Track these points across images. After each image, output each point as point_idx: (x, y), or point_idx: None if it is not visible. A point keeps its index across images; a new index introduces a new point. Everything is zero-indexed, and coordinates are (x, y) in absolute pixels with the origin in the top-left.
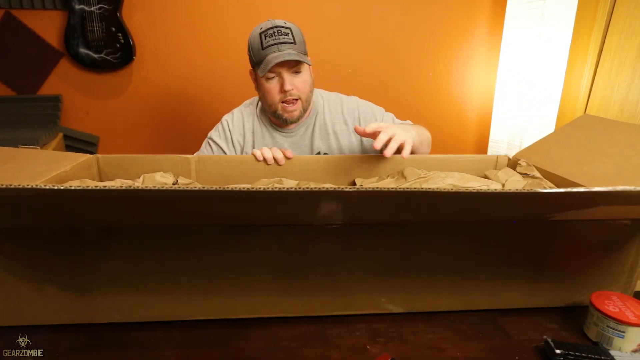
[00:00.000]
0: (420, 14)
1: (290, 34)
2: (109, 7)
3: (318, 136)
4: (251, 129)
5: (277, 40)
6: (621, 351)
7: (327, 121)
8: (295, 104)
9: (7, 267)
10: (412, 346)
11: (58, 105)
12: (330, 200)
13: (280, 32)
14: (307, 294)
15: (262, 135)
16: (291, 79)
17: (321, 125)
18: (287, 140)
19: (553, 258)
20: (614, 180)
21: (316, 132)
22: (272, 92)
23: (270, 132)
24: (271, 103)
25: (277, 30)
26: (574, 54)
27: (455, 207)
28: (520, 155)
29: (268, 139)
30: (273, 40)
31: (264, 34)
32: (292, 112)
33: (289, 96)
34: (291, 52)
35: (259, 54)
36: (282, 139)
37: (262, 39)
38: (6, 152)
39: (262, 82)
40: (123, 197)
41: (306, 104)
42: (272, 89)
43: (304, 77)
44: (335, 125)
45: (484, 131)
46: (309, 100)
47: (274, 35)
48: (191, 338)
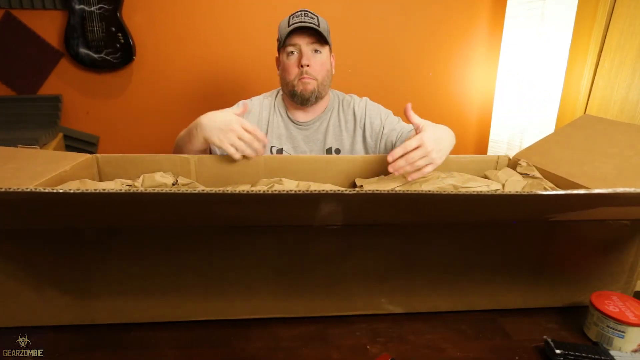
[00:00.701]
0: (420, 14)
1: (316, 19)
2: (109, 7)
3: (332, 133)
4: (266, 120)
5: (302, 19)
6: (621, 351)
7: (341, 119)
8: (308, 78)
9: (7, 268)
10: (412, 346)
11: (58, 105)
12: (330, 202)
13: (307, 15)
14: (308, 294)
15: (277, 126)
16: (309, 54)
17: (335, 123)
18: (301, 133)
19: (553, 258)
20: (614, 181)
21: (330, 128)
22: (290, 68)
23: (285, 123)
24: (289, 81)
25: (304, 13)
26: (574, 54)
27: (455, 208)
28: (521, 155)
29: (283, 130)
30: (299, 20)
31: (293, 15)
32: (306, 85)
33: (305, 74)
34: (313, 25)
35: (284, 32)
36: (296, 132)
37: (290, 19)
38: (6, 152)
39: (283, 60)
40: (122, 200)
41: (321, 88)
42: (290, 64)
43: (323, 59)
44: (347, 122)
45: (484, 131)
46: (324, 86)
47: (300, 16)
48: (191, 338)
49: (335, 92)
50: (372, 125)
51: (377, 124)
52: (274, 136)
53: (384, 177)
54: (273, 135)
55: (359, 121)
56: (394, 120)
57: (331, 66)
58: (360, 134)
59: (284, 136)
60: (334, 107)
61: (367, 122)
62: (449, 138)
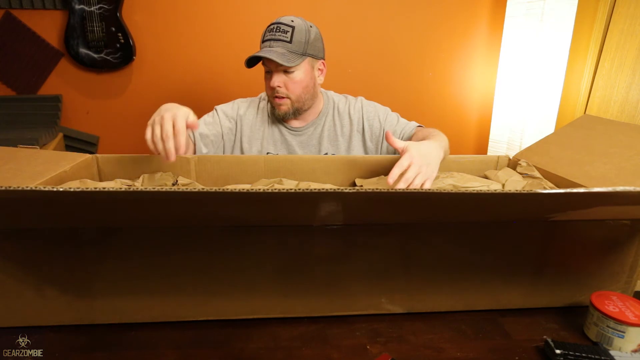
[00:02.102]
0: (420, 14)
1: (290, 32)
2: (109, 7)
3: (326, 138)
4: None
5: (273, 37)
6: (621, 351)
7: (336, 123)
8: (282, 99)
9: (7, 268)
10: (412, 346)
11: (58, 105)
12: (330, 202)
13: (280, 29)
14: (307, 294)
15: (271, 133)
16: (279, 77)
17: (330, 128)
18: (295, 138)
19: (553, 258)
20: (614, 180)
21: (325, 133)
22: (266, 86)
23: (279, 129)
24: (268, 98)
25: (277, 27)
26: (574, 54)
27: (455, 208)
28: (521, 156)
29: (278, 136)
30: (270, 36)
31: (268, 28)
32: (279, 106)
33: (276, 93)
34: (279, 50)
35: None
36: (290, 137)
37: (265, 33)
38: (6, 152)
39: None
40: (123, 198)
41: (298, 104)
42: (266, 83)
43: (297, 78)
44: (343, 127)
45: (484, 131)
46: (304, 100)
47: (272, 31)
48: (191, 338)
49: (329, 95)
50: (371, 128)
51: (376, 126)
52: (270, 142)
53: (384, 177)
54: (269, 141)
55: (356, 125)
56: (393, 119)
57: (314, 77)
58: (359, 138)
59: (279, 142)
60: (328, 111)
61: (366, 125)
62: (437, 148)
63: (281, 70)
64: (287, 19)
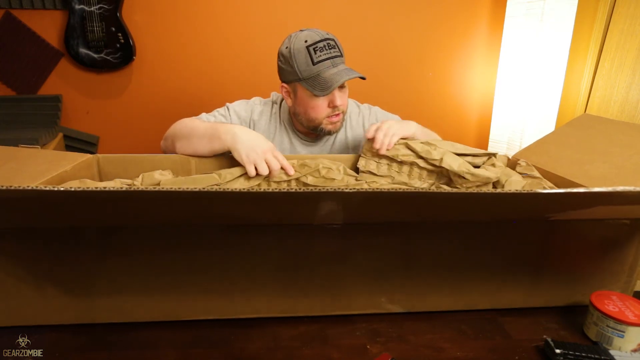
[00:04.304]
0: (420, 14)
1: (336, 47)
2: (109, 7)
3: (337, 150)
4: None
5: (329, 55)
6: (621, 351)
7: (348, 135)
8: (339, 116)
9: (7, 267)
10: (412, 346)
11: (58, 105)
12: (330, 201)
13: (330, 45)
14: (307, 293)
15: (281, 141)
16: (341, 94)
17: (341, 140)
18: (305, 149)
19: (553, 258)
20: (614, 180)
21: (336, 145)
22: (319, 108)
23: (290, 138)
24: (315, 118)
25: (327, 44)
26: (574, 54)
27: (455, 207)
28: (520, 155)
29: (287, 145)
30: (325, 55)
31: (313, 47)
32: (336, 124)
33: (336, 111)
34: (347, 68)
35: (308, 70)
36: (300, 147)
37: (312, 53)
38: (6, 151)
39: (307, 99)
40: (123, 198)
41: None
42: (320, 105)
43: (347, 91)
44: (355, 139)
45: (484, 131)
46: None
47: (324, 50)
48: (191, 338)
49: None
50: None
51: None
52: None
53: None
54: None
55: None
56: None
57: None
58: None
59: (287, 151)
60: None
61: None
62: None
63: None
64: (323, 33)
